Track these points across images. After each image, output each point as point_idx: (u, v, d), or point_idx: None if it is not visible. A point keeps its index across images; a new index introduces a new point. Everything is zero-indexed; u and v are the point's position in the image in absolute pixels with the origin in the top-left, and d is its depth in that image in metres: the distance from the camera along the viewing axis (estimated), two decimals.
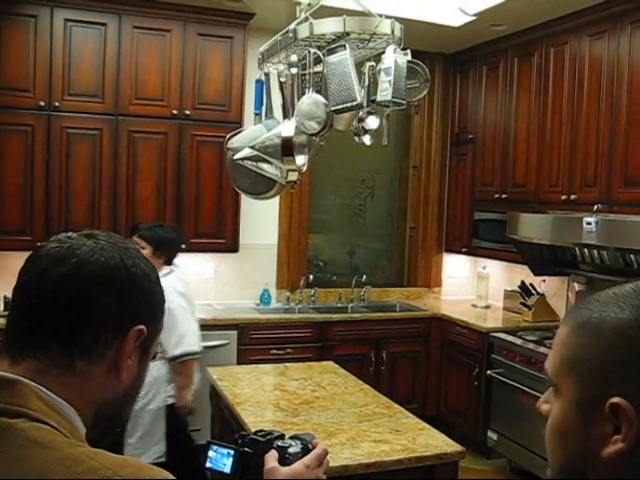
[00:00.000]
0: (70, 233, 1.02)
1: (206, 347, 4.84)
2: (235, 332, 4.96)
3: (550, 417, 0.89)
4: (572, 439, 0.85)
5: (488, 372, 4.90)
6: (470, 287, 6.25)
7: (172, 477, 0.87)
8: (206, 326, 4.89)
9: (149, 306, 1.02)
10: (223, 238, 5.23)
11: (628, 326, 0.81)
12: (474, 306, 5.91)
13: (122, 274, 0.98)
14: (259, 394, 3.27)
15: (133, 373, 1.00)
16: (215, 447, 1.40)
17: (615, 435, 0.79)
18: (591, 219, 4.09)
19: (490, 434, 4.90)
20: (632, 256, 4.12)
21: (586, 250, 4.52)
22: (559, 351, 0.89)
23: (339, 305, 5.83)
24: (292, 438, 1.44)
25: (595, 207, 4.28)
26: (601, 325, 0.84)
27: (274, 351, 5.04)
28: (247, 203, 5.07)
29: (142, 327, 0.98)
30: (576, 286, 5.05)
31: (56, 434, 0.86)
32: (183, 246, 4.49)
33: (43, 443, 0.83)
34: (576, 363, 0.85)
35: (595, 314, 0.85)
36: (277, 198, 5.21)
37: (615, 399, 0.79)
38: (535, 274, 5.11)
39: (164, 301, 1.06)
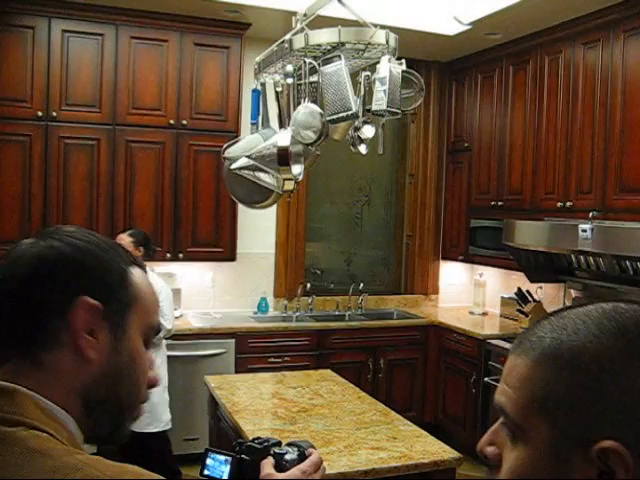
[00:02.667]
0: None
1: (204, 356, 4.87)
2: (233, 340, 4.97)
3: (510, 465, 0.78)
4: None
5: (485, 379, 4.91)
6: (467, 294, 6.27)
7: None
8: (204, 334, 4.91)
9: (94, 280, 0.98)
10: (220, 247, 5.25)
11: (608, 357, 0.73)
12: (471, 313, 5.93)
13: (49, 256, 0.96)
14: (257, 402, 3.28)
15: (106, 350, 0.97)
16: (212, 454, 1.41)
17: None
18: (587, 226, 4.11)
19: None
20: (628, 262, 4.14)
21: (582, 257, 4.54)
22: (521, 388, 0.77)
23: (336, 313, 5.84)
24: (289, 445, 1.45)
25: (590, 214, 4.31)
26: (577, 357, 0.74)
27: (272, 359, 5.04)
28: (244, 212, 5.07)
29: (86, 299, 0.95)
30: (572, 293, 5.07)
31: (54, 442, 0.86)
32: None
33: (42, 451, 0.83)
34: (550, 402, 0.74)
35: (565, 344, 0.75)
36: (274, 207, 5.22)
37: (607, 443, 0.70)
38: (531, 281, 5.13)
39: (125, 274, 1.01)
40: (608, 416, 0.71)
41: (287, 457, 1.40)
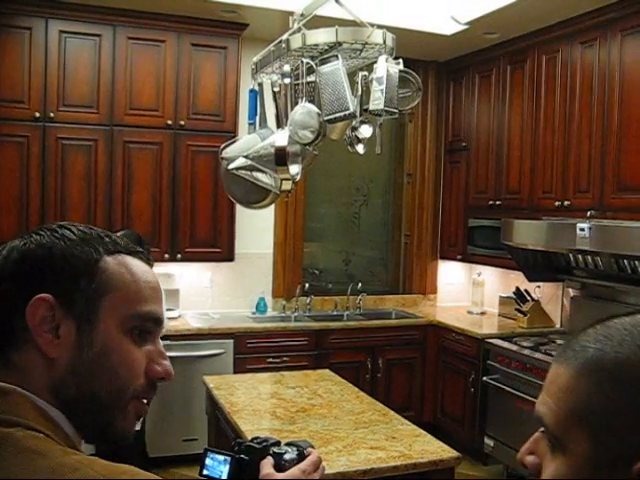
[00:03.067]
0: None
1: (202, 356, 4.87)
2: (231, 341, 4.97)
3: (547, 475, 0.76)
4: None
5: (484, 378, 4.91)
6: (465, 294, 6.27)
7: None
8: (202, 335, 4.91)
9: (51, 272, 0.94)
10: (219, 247, 5.25)
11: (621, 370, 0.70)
12: (469, 313, 5.93)
13: (14, 255, 0.95)
14: (256, 402, 3.28)
15: (70, 346, 0.93)
16: (211, 454, 1.41)
17: None
18: (584, 225, 4.12)
19: (486, 440, 4.90)
20: (625, 261, 4.15)
21: (580, 256, 4.54)
22: (562, 399, 0.75)
23: (335, 313, 5.84)
24: (288, 445, 1.45)
25: (588, 213, 4.31)
26: (620, 369, 0.71)
27: (270, 359, 5.04)
28: (242, 212, 5.07)
29: (42, 296, 0.92)
30: (571, 292, 5.08)
31: (51, 442, 0.86)
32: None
33: (39, 452, 0.83)
34: (591, 416, 0.72)
35: (609, 355, 0.72)
36: (272, 207, 5.23)
37: None
38: (530, 280, 5.13)
39: (94, 261, 0.97)
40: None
41: (286, 457, 1.40)
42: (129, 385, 0.98)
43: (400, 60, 2.80)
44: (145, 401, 1.02)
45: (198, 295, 5.47)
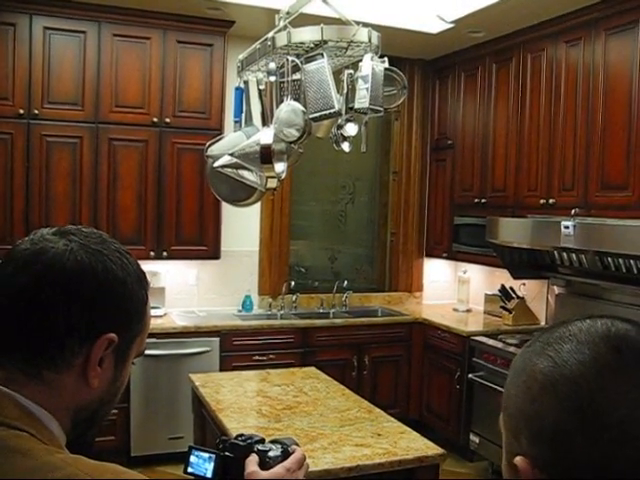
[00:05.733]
0: (46, 230, 0.98)
1: (188, 354, 4.86)
2: (217, 339, 4.97)
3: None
4: None
5: (469, 375, 4.93)
6: (451, 291, 6.30)
7: None
8: (188, 333, 4.90)
9: (121, 313, 0.97)
10: (204, 245, 5.24)
11: (536, 379, 0.76)
12: (455, 310, 5.95)
13: (90, 281, 0.93)
14: (241, 400, 3.28)
15: (107, 379, 0.97)
16: (196, 452, 1.41)
17: None
18: (569, 223, 4.14)
19: (472, 437, 4.93)
20: (610, 259, 4.18)
21: (565, 253, 4.57)
22: (503, 397, 0.83)
23: (321, 311, 5.85)
24: (272, 442, 1.45)
25: (573, 211, 4.34)
26: (521, 372, 0.78)
27: (256, 357, 5.04)
28: (228, 210, 5.07)
29: (112, 335, 0.94)
30: (555, 289, 5.11)
31: (35, 441, 0.86)
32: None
33: (22, 451, 0.83)
34: (505, 410, 0.80)
35: (520, 359, 0.80)
36: (258, 205, 5.23)
37: (517, 459, 0.75)
38: (515, 278, 5.16)
39: (143, 303, 1.01)
40: (526, 433, 0.75)
41: (270, 454, 1.40)
42: None
43: (385, 58, 2.80)
44: None
45: (184, 293, 5.46)
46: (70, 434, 0.97)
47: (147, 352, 4.01)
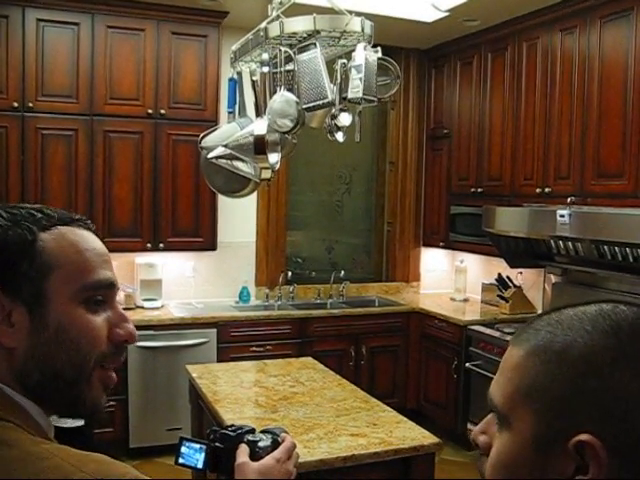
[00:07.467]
0: None
1: (185, 345, 4.87)
2: (214, 330, 4.97)
3: (494, 452, 0.80)
4: (525, 478, 0.76)
5: (467, 364, 4.95)
6: (448, 281, 6.30)
7: (134, 471, 0.88)
8: (185, 324, 4.91)
9: None
10: (201, 236, 5.24)
11: (597, 354, 0.73)
12: (452, 299, 5.96)
13: None
14: (238, 391, 3.29)
15: (26, 331, 0.93)
16: (187, 443, 1.42)
17: (578, 475, 0.71)
18: (565, 212, 4.14)
19: (469, 426, 4.94)
20: (606, 247, 4.17)
21: (561, 242, 4.57)
22: (511, 378, 0.79)
23: (318, 301, 5.85)
24: (263, 432, 1.46)
25: (569, 199, 4.33)
26: (566, 351, 0.75)
27: (254, 348, 5.05)
28: (224, 201, 5.07)
29: None
30: (552, 278, 5.11)
31: (19, 431, 0.86)
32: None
33: (6, 441, 0.83)
34: (535, 393, 0.76)
35: (558, 337, 0.76)
36: (254, 195, 5.22)
37: (584, 436, 0.71)
38: (511, 267, 5.17)
39: (29, 242, 0.95)
40: (587, 411, 0.72)
41: (260, 444, 1.40)
42: (91, 355, 0.97)
43: (379, 48, 2.80)
44: (111, 371, 1.02)
45: (181, 285, 5.46)
46: (47, 409, 0.95)
47: (144, 344, 4.02)
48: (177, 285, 5.44)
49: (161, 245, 5.12)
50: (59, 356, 0.94)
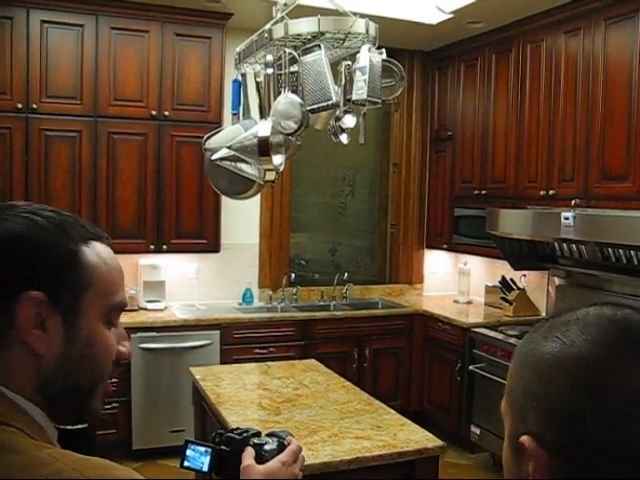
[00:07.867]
0: None
1: (189, 347, 4.86)
2: (218, 332, 4.97)
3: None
4: (510, 476, 0.81)
5: (470, 367, 4.93)
6: (452, 283, 6.29)
7: (137, 475, 0.87)
8: (189, 326, 4.91)
9: (34, 268, 0.92)
10: (204, 238, 5.23)
11: (544, 360, 0.77)
12: (456, 302, 5.95)
13: None
14: (241, 393, 3.28)
15: (59, 340, 0.92)
16: (192, 446, 1.41)
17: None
18: (569, 214, 4.13)
19: (473, 429, 4.93)
20: (610, 250, 4.16)
21: (565, 245, 4.56)
22: (507, 382, 0.85)
23: (321, 303, 5.85)
24: (268, 435, 1.45)
25: (573, 202, 4.33)
26: (528, 355, 0.80)
27: (257, 350, 5.04)
28: (228, 203, 5.07)
29: (34, 293, 0.90)
30: (556, 280, 5.10)
31: (22, 436, 0.85)
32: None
33: (9, 447, 0.83)
34: (510, 394, 0.82)
35: (526, 343, 0.82)
36: (258, 197, 5.22)
37: (522, 438, 0.76)
38: (515, 269, 5.16)
39: (72, 253, 0.95)
40: (534, 414, 0.76)
41: (266, 447, 1.40)
42: (106, 370, 1.00)
43: (383, 50, 2.79)
44: (109, 382, 1.04)
45: (184, 286, 5.45)
46: (55, 416, 0.95)
47: (147, 345, 4.03)
48: (180, 287, 5.43)
49: (164, 247, 5.11)
50: (83, 369, 0.96)
